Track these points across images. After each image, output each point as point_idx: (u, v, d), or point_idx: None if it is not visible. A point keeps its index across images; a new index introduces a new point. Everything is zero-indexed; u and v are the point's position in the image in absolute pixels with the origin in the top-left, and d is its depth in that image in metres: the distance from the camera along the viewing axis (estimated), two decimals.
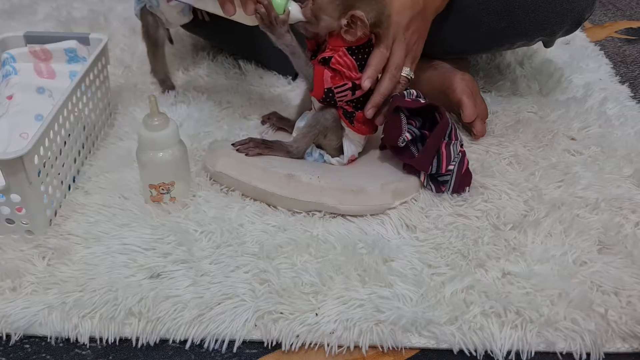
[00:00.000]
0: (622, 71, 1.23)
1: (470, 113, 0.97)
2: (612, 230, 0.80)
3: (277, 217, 0.83)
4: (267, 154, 0.87)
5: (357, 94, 0.81)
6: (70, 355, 0.67)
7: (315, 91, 0.81)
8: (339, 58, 0.79)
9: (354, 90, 0.81)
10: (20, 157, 0.71)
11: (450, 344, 0.67)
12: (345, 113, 0.83)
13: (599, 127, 1.01)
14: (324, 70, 0.80)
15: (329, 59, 0.79)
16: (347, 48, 0.80)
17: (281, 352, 0.67)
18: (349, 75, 0.80)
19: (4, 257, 0.76)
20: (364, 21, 0.77)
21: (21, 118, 0.93)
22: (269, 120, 0.98)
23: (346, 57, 0.79)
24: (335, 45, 0.80)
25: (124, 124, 1.02)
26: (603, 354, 0.67)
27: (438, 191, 0.85)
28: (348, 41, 0.79)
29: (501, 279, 0.74)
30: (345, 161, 0.88)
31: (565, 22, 0.99)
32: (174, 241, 0.78)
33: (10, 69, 0.98)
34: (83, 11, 1.44)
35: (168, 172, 0.81)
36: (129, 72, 1.18)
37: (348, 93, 0.81)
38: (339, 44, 0.80)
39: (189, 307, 0.70)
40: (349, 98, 0.82)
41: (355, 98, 0.82)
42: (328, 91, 0.80)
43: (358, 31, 0.78)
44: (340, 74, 0.80)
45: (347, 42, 0.79)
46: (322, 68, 0.80)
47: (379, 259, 0.76)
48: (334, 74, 0.80)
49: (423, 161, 0.83)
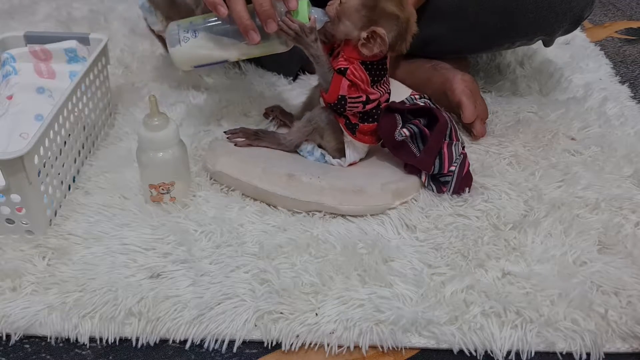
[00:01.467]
0: (622, 71, 1.24)
1: (470, 114, 0.97)
2: (612, 230, 0.80)
3: (277, 217, 0.83)
4: (257, 145, 0.87)
5: (368, 107, 0.82)
6: (70, 355, 0.67)
7: (329, 95, 0.81)
8: (354, 71, 0.79)
9: (366, 104, 0.81)
10: (20, 157, 0.71)
11: (450, 344, 0.67)
12: (348, 124, 0.83)
13: (599, 127, 1.01)
14: (342, 79, 0.80)
15: (344, 70, 0.79)
16: (361, 62, 0.79)
17: (281, 352, 0.67)
18: (364, 89, 0.80)
19: (4, 257, 0.76)
20: (384, 39, 0.76)
21: (21, 118, 0.93)
22: (272, 113, 0.98)
23: (361, 71, 0.79)
24: (350, 56, 0.80)
25: (124, 124, 1.02)
26: (603, 354, 0.67)
27: (439, 192, 0.85)
28: (363, 55, 0.79)
29: (501, 279, 0.74)
30: (346, 165, 0.88)
31: (565, 21, 0.99)
32: (174, 241, 0.78)
33: (10, 69, 0.98)
34: (83, 11, 1.44)
35: (168, 172, 0.81)
36: (129, 72, 1.18)
37: (360, 105, 0.81)
38: (354, 55, 0.79)
39: (189, 307, 0.70)
40: (359, 110, 0.82)
41: (364, 111, 0.82)
42: (341, 98, 0.80)
43: (375, 48, 0.77)
44: (356, 86, 0.80)
45: (362, 56, 0.79)
46: (341, 77, 0.80)
47: (379, 259, 0.76)
48: (351, 85, 0.80)
49: (425, 161, 0.83)
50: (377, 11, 0.77)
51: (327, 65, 0.80)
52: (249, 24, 0.77)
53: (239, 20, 0.77)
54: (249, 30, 0.78)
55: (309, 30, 0.78)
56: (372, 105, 0.82)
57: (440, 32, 1.03)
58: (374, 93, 0.81)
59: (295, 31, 0.78)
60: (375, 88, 0.81)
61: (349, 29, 0.78)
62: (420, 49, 1.06)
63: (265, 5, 0.76)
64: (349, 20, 0.78)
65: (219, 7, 0.77)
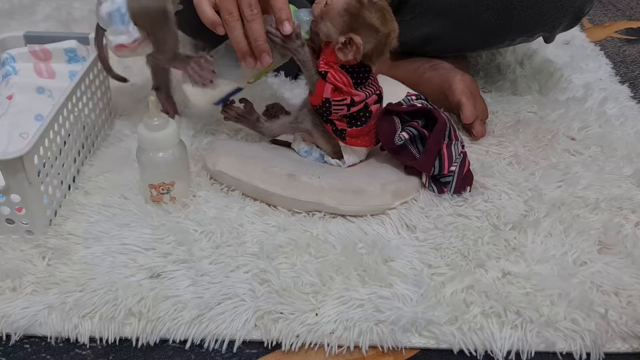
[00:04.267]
0: (622, 71, 1.24)
1: (470, 114, 0.97)
2: (612, 230, 0.80)
3: (277, 217, 0.83)
4: (240, 123, 0.92)
5: (352, 110, 0.81)
6: (70, 355, 0.67)
7: (314, 98, 0.82)
8: (335, 74, 0.80)
9: (350, 106, 0.81)
10: (20, 157, 0.71)
11: (450, 344, 0.67)
12: (335, 130, 0.83)
13: (599, 127, 1.01)
14: (326, 84, 0.80)
15: (325, 74, 0.80)
16: (340, 65, 0.80)
17: (281, 352, 0.67)
18: (347, 91, 0.80)
19: (4, 257, 0.76)
20: (359, 48, 0.77)
21: (21, 118, 0.93)
22: (272, 110, 0.98)
23: (342, 74, 0.80)
24: (329, 59, 0.80)
25: (124, 124, 1.02)
26: (603, 354, 0.67)
27: (440, 192, 0.85)
28: (339, 60, 0.79)
29: (501, 279, 0.74)
30: (345, 167, 0.88)
31: (566, 16, 0.99)
32: (174, 241, 0.78)
33: (10, 69, 0.98)
34: (83, 11, 1.44)
35: (168, 172, 0.81)
36: (129, 72, 1.18)
37: (344, 108, 0.81)
38: (332, 59, 0.80)
39: (189, 307, 0.70)
40: (344, 113, 0.82)
41: (350, 114, 0.82)
42: (325, 101, 0.81)
43: (350, 54, 0.78)
44: (340, 90, 0.80)
45: (339, 60, 0.79)
46: (324, 82, 0.80)
47: (379, 259, 0.76)
48: (335, 88, 0.80)
49: (425, 162, 0.83)
50: (358, 19, 0.77)
51: (314, 70, 0.81)
52: (246, 50, 0.80)
53: (236, 45, 0.80)
54: (246, 57, 0.81)
55: (295, 36, 0.79)
56: (358, 108, 0.81)
57: (440, 30, 1.03)
58: (359, 95, 0.81)
59: (281, 38, 0.80)
60: (360, 90, 0.81)
61: (330, 31, 0.79)
62: (421, 48, 1.06)
63: (260, 41, 0.79)
64: (331, 22, 0.78)
65: (218, 27, 0.81)
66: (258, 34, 0.79)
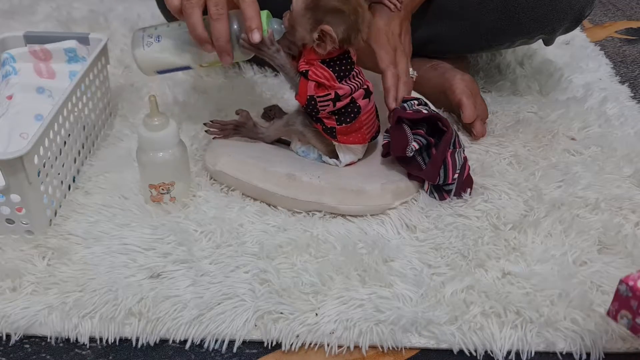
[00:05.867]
0: (622, 71, 1.24)
1: (470, 114, 0.97)
2: (612, 230, 0.80)
3: (277, 217, 0.83)
4: (233, 136, 0.89)
5: (338, 105, 0.81)
6: (70, 355, 0.67)
7: (299, 98, 0.82)
8: (315, 71, 0.79)
9: (335, 101, 0.80)
10: (20, 157, 0.71)
11: (450, 344, 0.67)
12: (326, 129, 0.83)
13: (599, 127, 1.01)
14: (308, 82, 0.80)
15: (306, 73, 0.80)
16: (321, 61, 0.80)
17: (281, 352, 0.68)
18: (330, 85, 0.80)
19: (4, 257, 0.76)
20: (332, 36, 0.77)
21: (21, 118, 0.93)
22: (271, 112, 0.98)
23: (322, 69, 0.80)
24: (310, 58, 0.80)
25: (124, 124, 1.02)
26: (603, 354, 0.67)
27: (442, 199, 0.84)
28: (320, 54, 0.79)
29: (501, 279, 0.74)
30: (342, 166, 0.88)
31: (566, 19, 0.99)
32: (174, 241, 0.78)
33: (10, 69, 0.98)
34: (83, 11, 1.44)
35: (168, 172, 0.81)
36: (129, 72, 1.18)
37: (330, 103, 0.80)
38: (312, 57, 0.80)
39: (189, 307, 0.70)
40: (331, 109, 0.81)
41: (337, 109, 0.82)
42: (310, 99, 0.80)
43: (328, 45, 0.78)
44: (323, 85, 0.80)
45: (320, 55, 0.79)
46: (307, 81, 0.80)
47: (379, 259, 0.76)
48: (317, 85, 0.80)
49: (431, 172, 0.82)
50: (320, 10, 0.77)
51: (294, 72, 0.81)
52: (203, 37, 0.78)
53: (192, 31, 0.78)
54: (203, 43, 0.79)
55: (269, 42, 0.79)
56: (344, 102, 0.81)
57: (441, 31, 1.04)
58: (342, 88, 0.80)
59: (255, 46, 0.79)
60: (344, 83, 0.81)
61: (302, 34, 0.79)
62: (421, 49, 1.06)
63: (222, 41, 0.78)
64: (299, 25, 0.79)
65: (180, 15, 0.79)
66: (220, 34, 0.78)
